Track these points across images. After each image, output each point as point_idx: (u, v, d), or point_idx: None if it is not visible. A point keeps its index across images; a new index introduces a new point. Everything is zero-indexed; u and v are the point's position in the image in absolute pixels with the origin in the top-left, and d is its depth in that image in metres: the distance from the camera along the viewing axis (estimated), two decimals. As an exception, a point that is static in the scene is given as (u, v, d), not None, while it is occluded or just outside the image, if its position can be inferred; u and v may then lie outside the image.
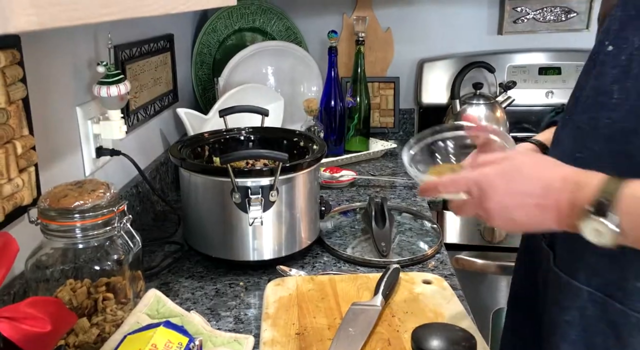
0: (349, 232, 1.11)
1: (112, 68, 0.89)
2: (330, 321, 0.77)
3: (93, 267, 0.69)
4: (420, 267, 0.97)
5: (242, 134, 1.13)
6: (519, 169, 0.60)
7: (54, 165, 0.83)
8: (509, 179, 0.59)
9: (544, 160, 0.63)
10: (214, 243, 0.95)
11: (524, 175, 0.59)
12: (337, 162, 1.50)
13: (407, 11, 1.75)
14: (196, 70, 1.63)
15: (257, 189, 0.90)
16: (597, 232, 0.54)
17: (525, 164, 0.61)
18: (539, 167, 0.60)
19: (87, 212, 0.66)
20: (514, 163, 0.61)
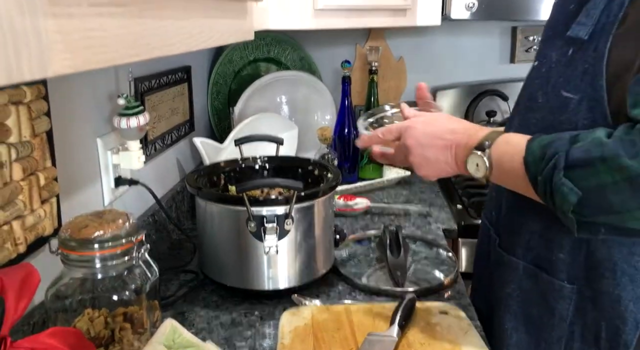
0: (364, 261, 1.10)
1: (132, 100, 0.92)
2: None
3: (111, 297, 0.70)
4: (437, 297, 0.96)
5: (258, 162, 1.15)
6: (436, 119, 0.80)
7: (74, 196, 0.85)
8: (427, 124, 0.79)
9: (457, 119, 0.81)
10: (229, 272, 0.96)
11: (439, 123, 0.79)
12: (351, 190, 1.50)
13: (419, 41, 1.78)
14: (212, 100, 1.66)
15: (273, 217, 0.90)
16: (476, 166, 0.71)
17: (442, 117, 0.81)
18: (451, 120, 0.80)
19: (106, 242, 0.67)
20: (434, 116, 0.82)
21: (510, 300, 0.82)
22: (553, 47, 0.75)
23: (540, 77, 0.76)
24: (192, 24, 0.44)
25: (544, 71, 0.76)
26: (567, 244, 0.73)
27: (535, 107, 0.77)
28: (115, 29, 0.30)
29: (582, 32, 0.68)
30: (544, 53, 0.77)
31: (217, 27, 0.53)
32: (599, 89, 0.66)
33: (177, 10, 0.41)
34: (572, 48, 0.71)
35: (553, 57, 0.74)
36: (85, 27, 0.27)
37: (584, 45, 0.69)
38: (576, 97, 0.69)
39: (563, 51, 0.72)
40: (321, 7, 1.18)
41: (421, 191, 1.55)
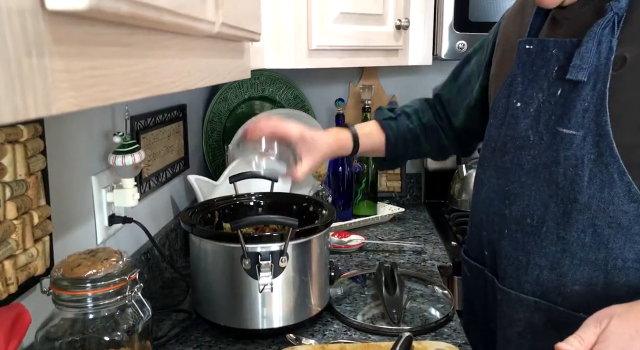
0: (359, 299, 1.09)
1: (127, 138, 0.92)
2: (343, 394, 0.75)
3: (102, 338, 0.68)
4: (433, 336, 0.94)
5: (252, 199, 1.14)
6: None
7: (67, 234, 0.84)
8: None
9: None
10: (223, 311, 0.94)
11: None
12: (346, 227, 1.50)
13: (411, 79, 1.81)
14: (207, 138, 1.67)
15: (267, 254, 0.90)
16: None
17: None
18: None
19: (99, 281, 0.66)
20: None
21: (521, 339, 0.81)
22: (538, 88, 0.78)
23: (529, 116, 0.79)
24: (191, 62, 0.45)
25: (531, 111, 0.78)
26: (582, 275, 0.73)
27: (527, 145, 0.79)
28: (120, 68, 0.31)
29: (581, 75, 0.71)
30: (528, 94, 0.80)
31: (215, 67, 0.54)
32: (604, 124, 0.70)
33: (176, 49, 0.42)
34: (561, 89, 0.75)
35: (540, 97, 0.78)
36: (90, 66, 0.28)
37: (578, 86, 0.72)
38: (579, 134, 0.72)
39: (551, 92, 0.76)
40: (315, 47, 1.21)
41: (415, 228, 1.55)
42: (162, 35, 0.38)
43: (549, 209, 0.76)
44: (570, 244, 0.74)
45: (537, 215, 0.77)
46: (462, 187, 1.65)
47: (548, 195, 0.76)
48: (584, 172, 0.72)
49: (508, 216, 0.82)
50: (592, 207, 0.71)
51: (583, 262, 0.73)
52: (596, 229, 0.72)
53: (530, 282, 0.79)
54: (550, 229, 0.76)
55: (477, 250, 0.92)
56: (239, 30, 0.55)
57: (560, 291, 0.75)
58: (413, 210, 1.70)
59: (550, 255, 0.76)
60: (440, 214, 1.66)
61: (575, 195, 0.73)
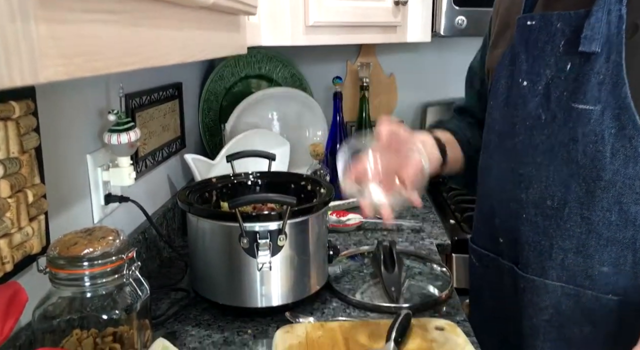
0: (358, 277, 1.09)
1: (122, 116, 0.91)
2: (342, 370, 0.75)
3: (100, 317, 0.68)
4: (432, 313, 0.95)
5: (250, 178, 1.14)
6: None
7: (63, 213, 0.83)
8: None
9: None
10: (221, 289, 0.94)
11: None
12: (344, 206, 1.49)
13: (409, 57, 1.79)
14: (203, 116, 1.65)
15: (266, 233, 0.89)
16: None
17: None
18: None
19: (96, 259, 0.65)
20: None
21: (550, 327, 0.77)
22: (544, 65, 0.75)
23: (538, 94, 0.75)
24: (186, 35, 0.43)
25: (540, 89, 0.75)
26: (609, 255, 0.71)
27: (539, 125, 0.75)
28: (109, 37, 0.30)
29: (595, 45, 0.68)
30: (534, 72, 0.76)
31: (211, 40, 0.53)
32: (624, 96, 0.67)
33: (172, 20, 0.40)
34: (570, 63, 0.72)
35: (548, 74, 0.74)
36: (78, 33, 0.27)
37: (590, 59, 0.69)
38: (596, 108, 0.69)
39: (559, 67, 0.73)
40: (312, 23, 1.19)
41: (413, 206, 1.54)
42: (154, 4, 0.37)
43: (571, 189, 0.72)
44: (596, 224, 0.71)
45: (558, 197, 0.74)
46: (460, 166, 1.64)
47: (568, 174, 0.72)
48: (606, 148, 0.69)
49: (525, 200, 0.77)
50: (617, 184, 0.69)
51: (610, 242, 0.70)
52: (622, 207, 0.69)
53: (555, 268, 0.75)
54: (574, 209, 0.72)
55: (489, 238, 0.88)
56: (234, 2, 0.54)
57: (588, 274, 0.72)
58: (411, 189, 1.69)
59: (574, 237, 0.73)
60: (439, 193, 1.65)
61: (598, 173, 0.70)
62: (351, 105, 1.76)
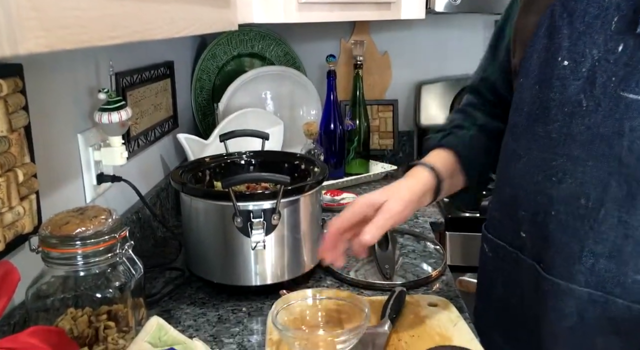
0: (352, 255, 1.09)
1: (113, 95, 0.90)
2: (336, 346, 0.76)
3: (94, 295, 0.68)
4: (425, 290, 0.95)
5: (243, 158, 1.13)
6: None
7: (54, 193, 0.82)
8: None
9: None
10: (215, 268, 0.94)
11: None
12: (338, 185, 1.49)
13: (403, 35, 1.77)
14: (196, 96, 1.64)
15: (259, 212, 0.89)
16: None
17: None
18: None
19: (88, 238, 0.65)
20: None
21: (572, 335, 0.71)
22: (591, 43, 0.66)
23: (580, 78, 0.67)
24: (174, 8, 0.43)
25: (584, 71, 0.66)
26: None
27: (579, 112, 0.67)
28: (93, 9, 0.29)
29: None
30: (577, 50, 0.67)
31: (200, 15, 0.52)
32: None
33: (158, -7, 0.39)
34: (622, 44, 0.63)
35: (594, 55, 0.65)
36: (60, 5, 0.26)
37: None
38: None
39: (609, 48, 0.64)
40: (305, 0, 1.17)
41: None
42: (140, -24, 0.36)
43: (609, 189, 0.65)
44: (635, 229, 0.64)
45: (594, 196, 0.66)
46: (454, 144, 1.64)
47: (607, 172, 0.65)
48: None
49: (556, 196, 0.70)
50: None
51: None
52: None
53: (584, 272, 0.68)
54: (610, 211, 0.65)
55: (509, 230, 0.79)
56: (223, -24, 0.53)
57: (620, 281, 0.66)
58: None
59: (609, 241, 0.66)
60: (433, 172, 1.65)
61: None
62: (345, 83, 1.75)
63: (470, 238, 1.31)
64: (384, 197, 0.79)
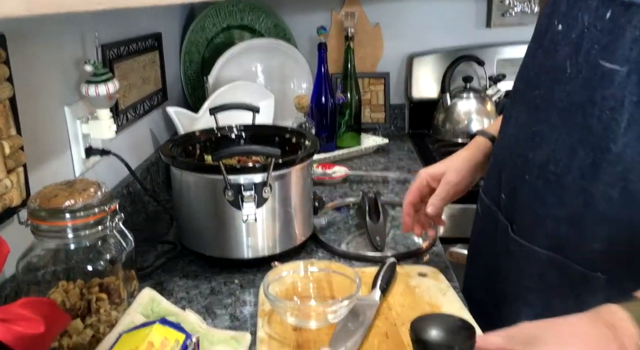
0: (343, 228, 1.10)
1: (99, 67, 0.88)
2: (327, 316, 0.77)
3: (85, 268, 0.68)
4: (415, 261, 0.96)
5: (234, 131, 1.12)
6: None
7: (43, 166, 0.82)
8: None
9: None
10: (207, 241, 0.94)
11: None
12: (329, 159, 1.49)
13: (395, 6, 1.75)
14: (185, 68, 1.61)
15: (250, 185, 0.89)
16: None
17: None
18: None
19: (78, 211, 0.65)
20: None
21: (530, 294, 0.74)
22: (585, 9, 0.65)
23: (569, 43, 0.66)
24: (158, -26, 0.41)
25: (573, 37, 0.66)
26: (604, 233, 0.65)
27: (563, 79, 0.67)
28: (73, -29, 0.28)
29: None
30: (572, 15, 0.66)
31: (186, -18, 0.50)
32: None
33: (142, -42, 0.38)
34: (610, 10, 0.62)
35: (585, 20, 0.64)
36: (38, -34, 0.25)
37: (630, 9, 0.60)
38: (623, 70, 0.60)
39: (599, 14, 0.63)
40: (295, -31, 1.14)
41: (399, 158, 1.55)
42: (122, -61, 0.35)
43: (576, 157, 0.66)
44: (595, 199, 0.64)
45: (563, 163, 0.67)
46: (446, 117, 1.64)
47: (577, 140, 0.65)
48: (623, 117, 0.61)
49: (531, 160, 0.71)
50: (626, 159, 0.61)
51: (607, 219, 0.64)
52: (627, 184, 0.62)
53: (546, 236, 0.70)
54: (575, 179, 0.66)
55: (494, 191, 0.82)
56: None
57: (579, 248, 0.67)
58: (397, 141, 1.69)
59: (571, 208, 0.67)
60: (424, 145, 1.66)
61: (608, 144, 0.62)
62: (336, 56, 1.73)
63: (461, 210, 1.32)
64: (443, 168, 0.88)
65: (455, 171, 0.87)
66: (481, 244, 0.89)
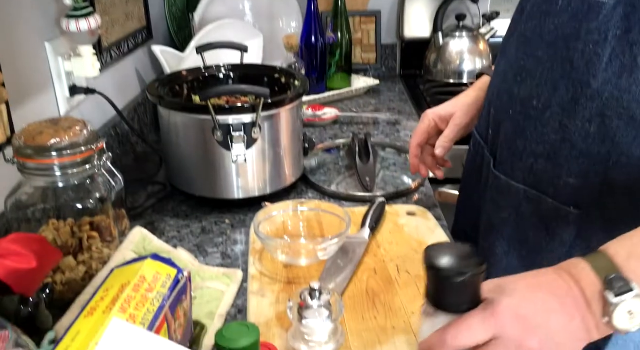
0: (333, 169, 1.11)
1: (79, 1, 0.84)
2: (317, 254, 0.78)
3: (75, 206, 0.68)
4: (405, 201, 0.97)
5: (222, 71, 1.10)
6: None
7: (26, 105, 0.80)
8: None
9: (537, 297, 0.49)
10: (197, 182, 0.94)
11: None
12: (320, 100, 1.47)
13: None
14: (169, 5, 1.55)
15: (239, 126, 0.88)
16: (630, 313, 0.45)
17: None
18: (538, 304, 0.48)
19: (64, 149, 0.64)
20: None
21: (505, 226, 0.76)
22: None
23: None
24: None
25: None
26: (579, 168, 0.66)
27: (553, 12, 0.67)
28: None
29: None
30: None
31: None
32: None
33: None
34: None
35: None
36: None
37: None
38: (610, 2, 0.60)
39: None
40: None
41: (390, 100, 1.53)
42: None
43: (558, 92, 0.66)
44: (572, 134, 0.65)
45: (544, 98, 0.68)
46: (438, 57, 1.61)
47: (560, 75, 0.66)
48: (605, 52, 0.61)
49: (516, 95, 0.72)
50: (605, 95, 0.62)
51: (583, 154, 0.65)
52: (604, 120, 0.63)
53: (523, 170, 0.72)
54: (554, 114, 0.67)
55: (484, 126, 0.83)
56: None
57: (554, 182, 0.69)
58: (388, 83, 1.67)
59: (549, 143, 0.68)
60: (416, 86, 1.64)
61: (588, 79, 0.63)
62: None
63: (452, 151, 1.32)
64: (452, 109, 0.88)
65: (464, 113, 0.87)
66: (470, 180, 0.90)
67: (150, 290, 0.48)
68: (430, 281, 0.47)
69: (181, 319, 0.52)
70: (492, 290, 0.48)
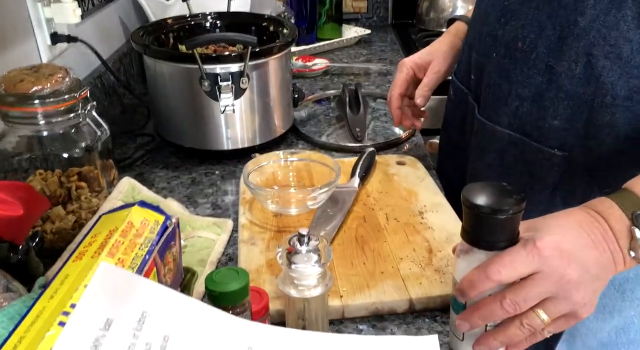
0: (324, 121, 1.10)
1: (57, -58, 0.81)
2: (307, 203, 0.78)
3: (61, 156, 0.67)
4: (395, 151, 0.97)
5: (208, 19, 1.07)
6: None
7: (6, 52, 0.77)
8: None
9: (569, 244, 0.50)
10: (186, 134, 0.93)
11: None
12: (310, 51, 1.45)
13: None
14: (153, -48, 1.49)
15: (227, 76, 0.86)
16: None
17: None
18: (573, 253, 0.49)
19: (47, 98, 0.63)
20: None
21: (490, 170, 0.77)
22: None
23: None
24: None
25: None
26: (564, 110, 0.66)
27: None
28: None
29: None
30: None
31: None
32: None
33: None
34: None
35: None
36: None
37: None
38: None
39: None
40: None
41: (381, 50, 1.51)
42: None
43: (545, 32, 0.65)
44: (559, 75, 0.65)
45: (530, 39, 0.67)
46: (430, 5, 1.57)
47: (547, 15, 0.65)
48: None
49: (500, 38, 0.71)
50: (592, 33, 0.61)
51: (569, 95, 0.65)
52: (591, 60, 0.62)
53: (509, 115, 0.72)
54: (541, 56, 0.66)
55: (465, 72, 0.83)
56: None
57: (539, 125, 0.69)
58: (380, 32, 1.64)
59: (534, 86, 0.68)
60: (408, 36, 1.61)
61: (576, 17, 0.62)
62: (317, -61, 1.61)
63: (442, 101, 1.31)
64: (429, 57, 0.88)
65: (442, 60, 0.87)
66: (453, 126, 0.91)
67: (138, 236, 0.48)
68: (470, 219, 0.48)
69: (170, 265, 0.52)
70: (527, 228, 0.50)
